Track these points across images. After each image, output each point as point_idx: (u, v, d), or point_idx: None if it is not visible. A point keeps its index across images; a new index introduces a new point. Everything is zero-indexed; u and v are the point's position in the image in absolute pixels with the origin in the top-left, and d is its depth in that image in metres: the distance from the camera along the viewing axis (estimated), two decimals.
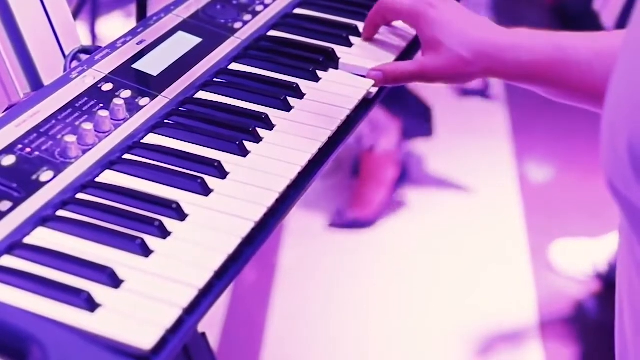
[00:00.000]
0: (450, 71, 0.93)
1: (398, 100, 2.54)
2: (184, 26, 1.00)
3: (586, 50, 0.86)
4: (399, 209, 2.53)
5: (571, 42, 0.88)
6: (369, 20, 1.03)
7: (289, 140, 0.87)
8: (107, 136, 0.83)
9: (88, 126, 0.82)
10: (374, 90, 0.96)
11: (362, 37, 1.04)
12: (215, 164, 0.82)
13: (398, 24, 1.04)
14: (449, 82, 0.95)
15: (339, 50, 1.02)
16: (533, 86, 0.91)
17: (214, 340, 2.09)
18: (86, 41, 2.26)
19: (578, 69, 0.87)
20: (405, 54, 1.04)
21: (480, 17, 0.94)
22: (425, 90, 2.64)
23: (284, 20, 1.07)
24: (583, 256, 2.33)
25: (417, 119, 2.60)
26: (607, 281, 2.27)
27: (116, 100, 0.86)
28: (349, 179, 2.61)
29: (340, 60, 1.00)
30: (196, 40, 0.99)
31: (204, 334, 1.15)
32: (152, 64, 0.94)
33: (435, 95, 2.77)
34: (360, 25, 1.07)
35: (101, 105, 0.86)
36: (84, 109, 0.86)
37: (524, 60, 0.89)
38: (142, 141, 0.85)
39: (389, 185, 2.54)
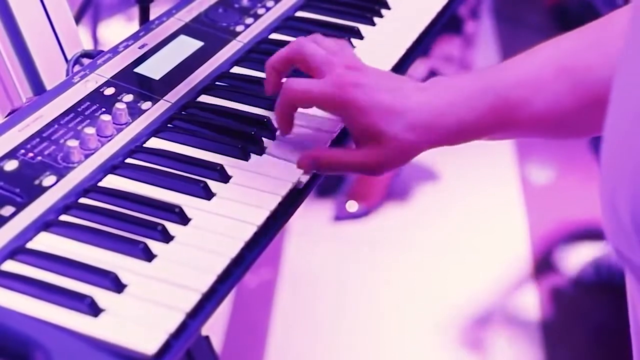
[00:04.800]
0: (397, 160, 0.81)
1: None
2: (186, 30, 1.00)
3: (523, 89, 0.80)
4: (401, 196, 2.54)
5: (507, 84, 0.81)
6: (281, 114, 0.85)
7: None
8: (109, 140, 0.83)
9: (90, 130, 0.82)
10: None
11: (281, 133, 0.86)
12: (218, 168, 0.82)
13: None
14: (397, 167, 0.83)
15: None
16: (484, 138, 0.84)
17: (217, 344, 2.09)
18: (88, 45, 2.26)
19: (521, 110, 0.80)
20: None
21: (405, 79, 0.84)
22: None
23: (286, 23, 1.07)
24: (585, 258, 2.33)
25: None
26: (609, 283, 2.27)
27: (118, 105, 0.86)
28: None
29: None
30: (198, 44, 0.99)
31: (207, 338, 1.15)
32: (154, 68, 0.94)
33: None
34: (362, 28, 1.07)
35: (103, 109, 0.86)
36: (86, 113, 0.86)
37: (469, 120, 0.80)
38: (144, 145, 0.85)
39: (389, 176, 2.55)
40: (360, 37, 1.06)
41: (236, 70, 0.98)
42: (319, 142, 0.87)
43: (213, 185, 0.80)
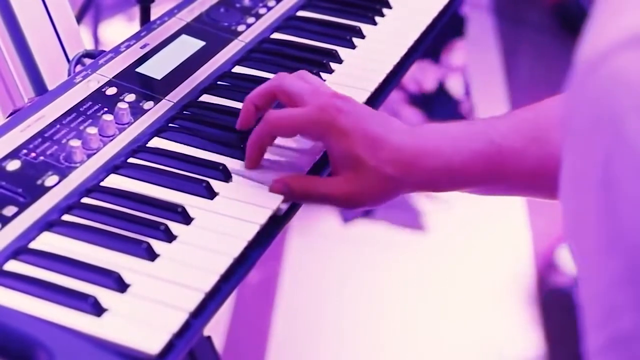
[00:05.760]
0: (374, 194, 0.77)
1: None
2: (188, 29, 1.00)
3: (519, 138, 0.77)
4: (403, 196, 2.54)
5: (500, 132, 0.77)
6: (255, 145, 0.81)
7: (295, 143, 0.86)
8: (111, 140, 0.83)
9: (93, 130, 0.82)
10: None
11: (248, 165, 0.82)
12: (220, 167, 0.82)
13: None
14: (372, 205, 0.79)
15: (343, 52, 1.02)
16: (468, 190, 0.80)
17: (218, 344, 2.09)
18: (89, 45, 2.26)
19: (513, 160, 0.77)
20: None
21: (393, 119, 0.80)
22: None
23: (287, 22, 1.07)
24: None
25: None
26: None
27: (120, 104, 0.86)
28: None
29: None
30: (200, 44, 0.99)
31: (209, 338, 1.15)
32: (156, 68, 0.94)
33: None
34: (364, 27, 1.07)
35: (105, 109, 0.86)
36: (88, 113, 0.86)
37: (455, 165, 0.77)
38: (146, 145, 0.85)
39: None
40: (362, 37, 1.06)
41: (238, 69, 0.98)
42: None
43: (216, 184, 0.80)
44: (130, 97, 0.88)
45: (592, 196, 0.44)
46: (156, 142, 0.85)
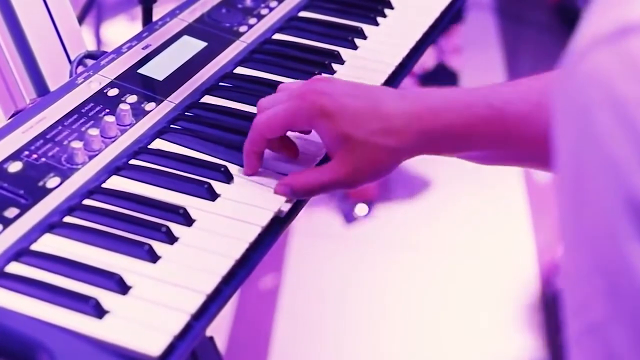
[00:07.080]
0: (370, 168, 0.77)
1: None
2: (189, 30, 1.00)
3: (520, 102, 0.75)
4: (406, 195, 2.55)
5: (503, 97, 0.76)
6: (250, 152, 0.81)
7: (297, 144, 0.86)
8: (113, 142, 0.83)
9: (94, 132, 0.82)
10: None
11: (247, 171, 0.82)
12: (222, 169, 0.82)
13: None
14: (374, 179, 0.78)
15: (345, 52, 1.02)
16: (468, 154, 0.80)
17: (221, 344, 2.09)
18: (91, 45, 2.26)
19: (517, 125, 0.75)
20: None
21: (382, 89, 0.80)
22: None
23: (289, 23, 1.07)
24: None
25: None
26: None
27: (122, 106, 0.86)
28: None
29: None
30: (201, 45, 0.99)
31: (211, 338, 1.15)
32: (158, 69, 0.93)
33: None
34: (366, 28, 1.07)
35: (107, 110, 0.86)
36: (90, 114, 0.86)
37: (456, 126, 0.76)
38: (148, 146, 0.85)
39: None
40: (364, 37, 1.06)
41: (240, 70, 0.98)
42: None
43: (217, 186, 0.80)
44: (132, 99, 0.88)
45: (568, 189, 0.46)
46: (158, 144, 0.85)
